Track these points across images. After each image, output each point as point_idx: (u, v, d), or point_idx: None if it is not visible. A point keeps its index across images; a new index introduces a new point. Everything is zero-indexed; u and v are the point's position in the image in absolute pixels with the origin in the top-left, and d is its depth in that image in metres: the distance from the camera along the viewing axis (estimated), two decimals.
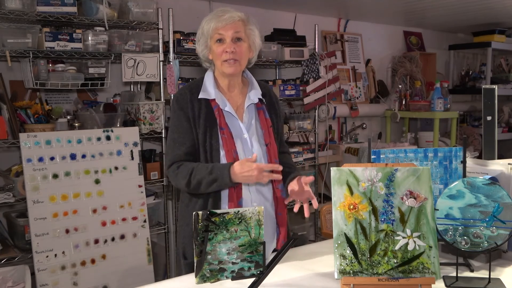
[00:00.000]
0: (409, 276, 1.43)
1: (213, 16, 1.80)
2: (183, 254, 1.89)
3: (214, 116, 1.82)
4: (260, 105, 1.92)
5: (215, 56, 1.82)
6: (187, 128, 1.82)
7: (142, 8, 3.03)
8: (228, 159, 1.78)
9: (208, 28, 1.80)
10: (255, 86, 1.93)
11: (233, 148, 1.80)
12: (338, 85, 4.21)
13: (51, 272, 2.62)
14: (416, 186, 1.47)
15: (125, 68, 3.00)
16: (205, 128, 1.80)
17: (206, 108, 1.82)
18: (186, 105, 1.83)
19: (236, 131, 1.84)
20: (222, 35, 1.78)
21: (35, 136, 2.64)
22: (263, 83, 2.02)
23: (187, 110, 1.82)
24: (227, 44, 1.78)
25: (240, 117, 1.88)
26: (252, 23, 1.85)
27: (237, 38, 1.79)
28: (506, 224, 1.49)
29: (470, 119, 5.84)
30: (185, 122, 1.82)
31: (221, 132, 1.80)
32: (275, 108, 1.97)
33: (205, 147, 1.80)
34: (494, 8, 4.53)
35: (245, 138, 1.85)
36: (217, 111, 1.83)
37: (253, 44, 1.87)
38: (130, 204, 2.90)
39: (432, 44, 5.71)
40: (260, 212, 1.41)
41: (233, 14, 1.79)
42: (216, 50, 1.80)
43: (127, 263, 2.86)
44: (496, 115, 1.99)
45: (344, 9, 4.60)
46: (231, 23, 1.78)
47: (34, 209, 2.60)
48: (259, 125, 1.90)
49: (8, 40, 2.64)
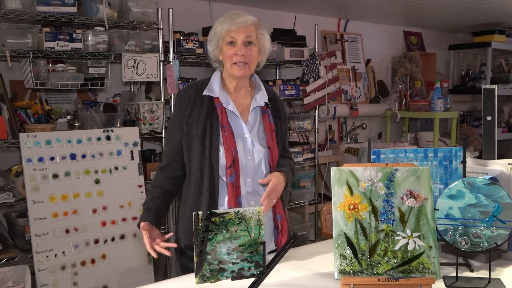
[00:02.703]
0: (409, 276, 1.43)
1: (227, 18, 1.82)
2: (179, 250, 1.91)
3: (217, 113, 1.83)
4: (266, 108, 1.94)
5: (225, 57, 1.84)
6: (177, 126, 1.85)
7: (142, 8, 3.04)
8: (227, 156, 1.79)
9: (221, 30, 1.81)
10: (262, 90, 1.95)
11: (233, 147, 1.80)
12: (338, 85, 4.21)
13: (51, 272, 2.62)
14: (416, 186, 1.47)
15: (125, 68, 3.00)
16: (205, 125, 1.81)
17: (208, 106, 1.84)
18: (185, 103, 1.85)
19: (237, 130, 1.85)
20: (234, 38, 1.80)
21: (35, 136, 2.64)
22: (270, 88, 2.04)
23: (185, 109, 1.84)
24: (238, 47, 1.80)
25: (245, 118, 1.88)
26: (263, 28, 1.88)
27: (248, 41, 1.81)
28: (506, 224, 1.49)
29: (470, 119, 5.84)
30: (178, 120, 1.86)
31: (222, 130, 1.81)
32: (279, 114, 1.98)
33: (204, 144, 1.81)
34: (494, 8, 4.53)
35: (247, 138, 1.86)
36: (220, 109, 1.84)
37: (263, 48, 1.88)
38: (130, 204, 2.90)
39: (432, 44, 5.71)
40: (260, 212, 1.41)
41: (246, 18, 1.81)
42: (227, 52, 1.82)
43: (127, 263, 2.86)
44: (496, 115, 1.99)
45: (344, 9, 4.60)
46: (243, 26, 1.80)
47: (34, 209, 2.60)
48: (263, 127, 1.91)
49: (8, 40, 2.64)
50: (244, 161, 1.83)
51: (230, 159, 1.79)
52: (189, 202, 1.86)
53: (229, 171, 1.79)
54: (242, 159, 1.82)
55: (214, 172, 1.80)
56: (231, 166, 1.79)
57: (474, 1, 4.20)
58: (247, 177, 1.84)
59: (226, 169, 1.79)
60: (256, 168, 1.85)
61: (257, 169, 1.86)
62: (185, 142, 1.84)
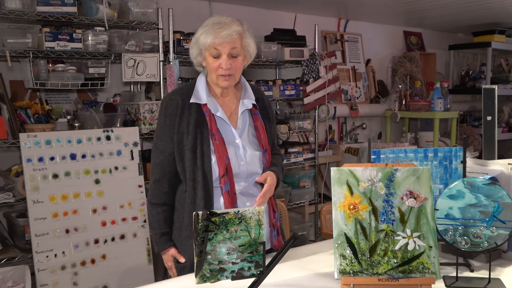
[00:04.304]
0: (409, 276, 1.43)
1: (210, 30, 1.74)
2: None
3: (206, 121, 1.80)
4: (255, 110, 1.91)
5: (210, 68, 1.79)
6: (168, 137, 1.81)
7: (142, 8, 3.04)
8: (220, 165, 1.76)
9: (205, 42, 1.75)
10: (249, 91, 1.91)
11: (225, 154, 1.77)
12: (338, 85, 4.21)
13: (51, 272, 2.62)
14: (416, 186, 1.47)
15: (125, 68, 3.00)
16: (196, 133, 1.78)
17: (196, 114, 1.80)
18: (173, 112, 1.80)
19: (228, 137, 1.82)
20: (218, 50, 1.74)
21: (35, 136, 2.64)
22: (255, 86, 2.01)
23: (174, 118, 1.80)
24: (224, 61, 1.75)
25: (234, 123, 1.85)
26: (248, 35, 1.81)
27: (233, 54, 1.76)
28: (506, 224, 1.49)
29: (470, 119, 5.84)
30: (167, 130, 1.81)
31: (213, 138, 1.78)
32: (267, 113, 1.96)
33: (196, 153, 1.77)
34: (494, 8, 4.53)
35: (237, 144, 1.83)
36: (209, 116, 1.80)
37: (248, 54, 1.84)
38: (130, 204, 2.90)
39: (432, 44, 5.71)
40: (260, 212, 1.41)
41: (231, 30, 1.73)
42: (211, 64, 1.77)
43: (127, 263, 2.86)
44: (496, 115, 1.99)
45: (344, 9, 4.60)
46: (228, 41, 1.74)
47: (34, 209, 2.60)
48: (253, 131, 1.89)
49: (8, 40, 2.64)
50: (237, 167, 1.80)
51: (223, 167, 1.76)
52: (184, 211, 1.82)
53: (223, 180, 1.77)
54: (235, 166, 1.79)
55: (208, 182, 1.77)
56: (225, 174, 1.77)
57: (474, 1, 4.20)
58: (241, 181, 1.82)
59: (220, 178, 1.77)
60: (250, 172, 1.83)
61: (250, 173, 1.83)
62: (177, 152, 1.80)
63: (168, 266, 1.88)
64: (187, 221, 1.80)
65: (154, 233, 1.88)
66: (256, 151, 1.85)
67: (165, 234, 1.86)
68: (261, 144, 1.87)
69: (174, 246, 1.86)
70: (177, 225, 1.87)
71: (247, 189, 1.84)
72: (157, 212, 1.86)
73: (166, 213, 1.86)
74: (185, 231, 1.82)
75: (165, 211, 1.86)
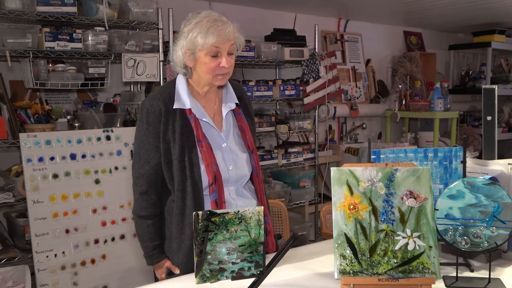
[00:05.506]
0: (409, 276, 1.43)
1: (210, 29, 1.66)
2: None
3: (191, 127, 1.72)
4: (238, 110, 1.85)
5: (206, 68, 1.70)
6: (153, 146, 1.72)
7: (142, 8, 3.04)
8: (209, 173, 1.70)
9: (205, 43, 1.65)
10: (230, 90, 1.85)
11: (213, 161, 1.71)
12: (338, 85, 4.21)
13: (51, 272, 2.62)
14: (416, 186, 1.47)
15: (125, 68, 3.00)
16: (182, 142, 1.70)
17: (181, 120, 1.72)
18: (156, 119, 1.71)
19: (214, 141, 1.75)
20: (219, 49, 1.67)
21: (35, 136, 2.64)
22: (235, 83, 1.92)
23: (158, 126, 1.71)
24: (224, 59, 1.68)
25: (218, 125, 1.79)
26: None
27: (231, 51, 1.71)
28: (506, 224, 1.49)
29: (470, 119, 5.84)
30: (151, 139, 1.72)
31: (199, 144, 1.71)
32: (248, 111, 1.90)
33: (184, 163, 1.70)
34: (494, 8, 4.53)
35: (225, 148, 1.77)
36: (194, 121, 1.72)
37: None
38: (130, 204, 2.90)
39: (432, 44, 5.71)
40: (260, 212, 1.41)
41: (231, 27, 1.68)
42: (209, 64, 1.68)
43: (127, 263, 2.86)
44: (496, 115, 1.99)
45: (344, 9, 4.60)
46: (231, 38, 1.69)
47: (34, 209, 2.60)
48: (237, 131, 1.84)
49: (8, 40, 2.64)
50: (226, 173, 1.75)
51: (212, 176, 1.70)
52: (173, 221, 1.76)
53: (211, 189, 1.71)
54: (224, 172, 1.74)
55: (198, 191, 1.71)
56: (213, 183, 1.70)
57: (474, 1, 4.20)
58: (230, 185, 1.78)
59: (209, 187, 1.71)
60: (239, 176, 1.79)
61: (240, 176, 1.79)
62: (164, 162, 1.72)
63: (162, 278, 1.82)
64: (175, 232, 1.74)
65: (146, 246, 1.81)
66: (243, 153, 1.81)
67: (157, 247, 1.81)
68: (247, 145, 1.83)
69: (168, 258, 1.81)
70: (167, 235, 1.81)
71: (238, 192, 1.80)
72: (147, 224, 1.79)
73: (156, 225, 1.81)
74: (174, 242, 1.76)
75: (156, 222, 1.81)
